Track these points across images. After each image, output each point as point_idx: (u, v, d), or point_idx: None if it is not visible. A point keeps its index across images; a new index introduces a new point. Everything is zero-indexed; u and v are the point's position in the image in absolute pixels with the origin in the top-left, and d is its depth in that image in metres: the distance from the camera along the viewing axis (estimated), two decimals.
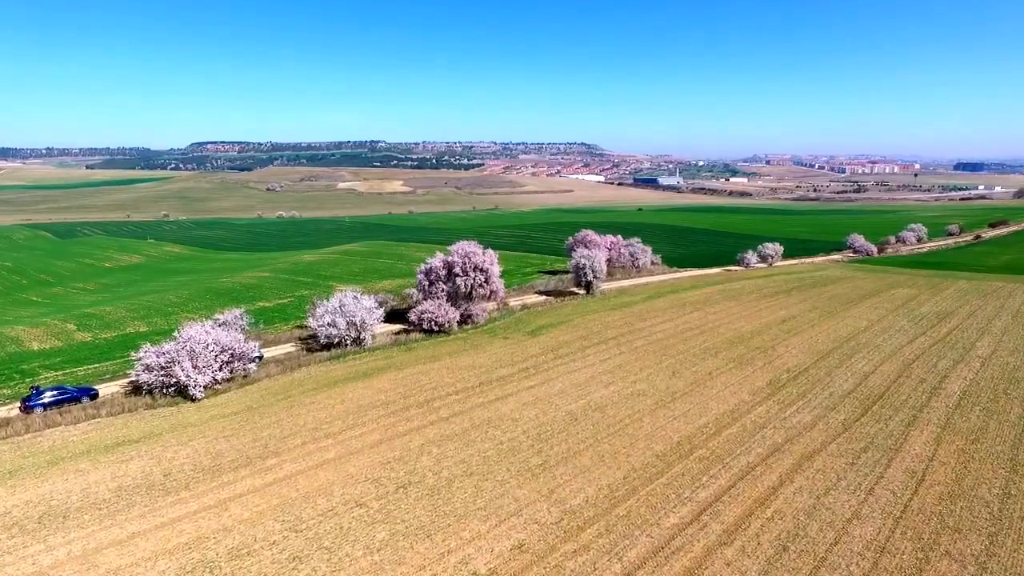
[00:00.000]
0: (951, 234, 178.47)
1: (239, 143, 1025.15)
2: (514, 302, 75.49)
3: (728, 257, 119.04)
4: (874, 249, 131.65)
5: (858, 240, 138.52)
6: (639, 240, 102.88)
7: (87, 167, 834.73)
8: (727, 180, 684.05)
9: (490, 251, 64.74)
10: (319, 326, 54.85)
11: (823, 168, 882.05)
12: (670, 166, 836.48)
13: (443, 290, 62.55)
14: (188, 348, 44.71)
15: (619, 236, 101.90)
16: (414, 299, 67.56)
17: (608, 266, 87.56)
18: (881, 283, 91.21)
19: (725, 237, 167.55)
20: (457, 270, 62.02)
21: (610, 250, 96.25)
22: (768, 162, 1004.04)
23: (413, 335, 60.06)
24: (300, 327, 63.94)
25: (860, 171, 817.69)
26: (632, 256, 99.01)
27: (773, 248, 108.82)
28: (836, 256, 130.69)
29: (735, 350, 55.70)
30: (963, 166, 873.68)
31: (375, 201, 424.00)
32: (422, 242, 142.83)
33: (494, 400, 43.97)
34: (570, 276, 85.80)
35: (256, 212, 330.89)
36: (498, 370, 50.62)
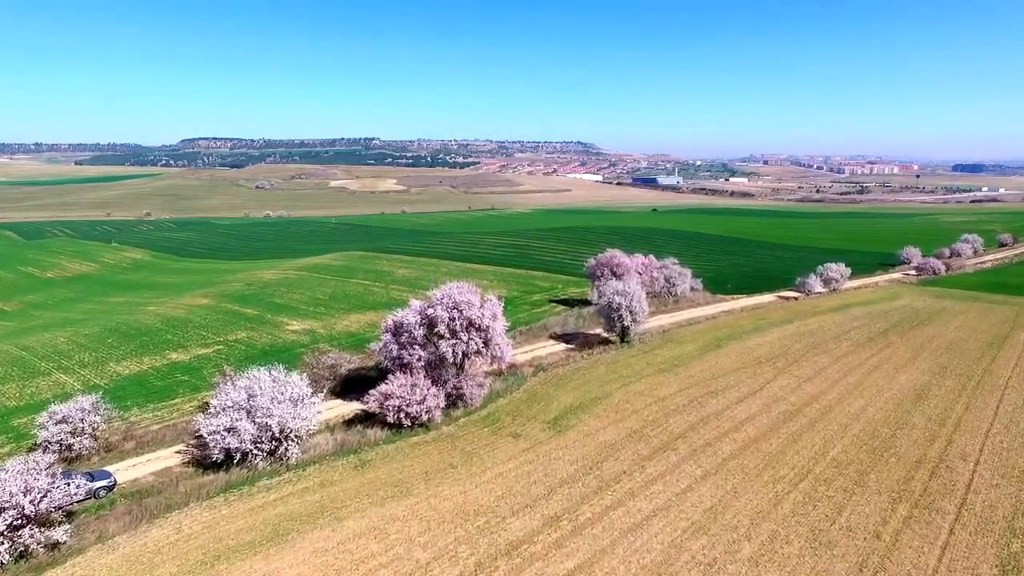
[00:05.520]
0: (1003, 244, 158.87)
1: (231, 139, 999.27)
2: (522, 356, 54.29)
3: (773, 276, 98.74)
4: (941, 267, 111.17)
5: (915, 254, 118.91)
6: (676, 260, 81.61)
7: (76, 163, 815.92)
8: (727, 180, 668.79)
9: (492, 299, 42.69)
10: (211, 433, 33.35)
11: (820, 168, 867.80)
12: (668, 165, 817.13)
13: (420, 358, 40.82)
14: None
15: (651, 256, 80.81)
16: (380, 356, 45.62)
17: None
18: (992, 320, 70.67)
19: (755, 247, 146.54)
20: (442, 329, 40.36)
21: (640, 275, 75.32)
22: (765, 162, 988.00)
23: (372, 433, 38.53)
24: (206, 405, 42.39)
25: (859, 171, 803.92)
26: (668, 281, 77.97)
27: (838, 270, 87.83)
28: (896, 274, 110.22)
29: (885, 468, 34.74)
30: (962, 167, 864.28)
31: (367, 200, 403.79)
32: (408, 254, 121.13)
33: None
34: (592, 310, 65.18)
35: (243, 211, 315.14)
36: (508, 522, 29.46)
